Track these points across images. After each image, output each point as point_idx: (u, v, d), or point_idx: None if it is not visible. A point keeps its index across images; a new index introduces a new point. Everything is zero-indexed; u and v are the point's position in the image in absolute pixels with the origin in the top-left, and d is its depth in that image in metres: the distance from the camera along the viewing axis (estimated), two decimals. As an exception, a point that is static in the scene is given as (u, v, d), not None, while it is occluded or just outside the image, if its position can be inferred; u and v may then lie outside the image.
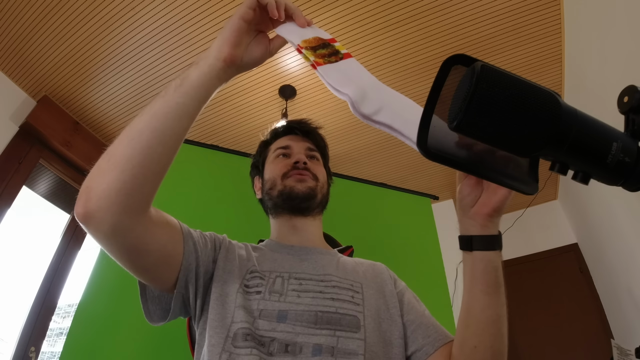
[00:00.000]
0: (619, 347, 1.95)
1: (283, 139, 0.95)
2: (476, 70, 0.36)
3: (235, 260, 0.76)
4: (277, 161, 0.91)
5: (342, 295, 0.71)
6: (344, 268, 0.81)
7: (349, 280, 0.76)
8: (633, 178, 0.39)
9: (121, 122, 2.88)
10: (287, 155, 0.91)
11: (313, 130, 0.97)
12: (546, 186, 3.50)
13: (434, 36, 2.36)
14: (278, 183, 0.87)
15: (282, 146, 0.92)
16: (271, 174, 0.90)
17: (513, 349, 3.27)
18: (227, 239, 0.84)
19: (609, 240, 2.56)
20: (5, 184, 2.41)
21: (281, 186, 0.86)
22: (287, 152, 0.91)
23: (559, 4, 2.17)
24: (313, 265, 0.78)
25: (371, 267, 0.85)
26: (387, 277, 0.83)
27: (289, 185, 0.85)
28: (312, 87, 2.66)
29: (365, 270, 0.83)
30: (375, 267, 0.86)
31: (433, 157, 0.43)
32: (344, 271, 0.79)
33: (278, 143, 0.94)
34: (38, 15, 2.18)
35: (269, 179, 0.90)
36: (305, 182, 0.86)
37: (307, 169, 0.87)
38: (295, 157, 0.89)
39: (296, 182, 0.85)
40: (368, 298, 0.74)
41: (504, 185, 0.48)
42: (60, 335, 3.41)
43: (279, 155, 0.91)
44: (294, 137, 0.94)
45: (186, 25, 2.27)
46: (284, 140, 0.94)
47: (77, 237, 2.81)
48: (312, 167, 0.89)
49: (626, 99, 0.39)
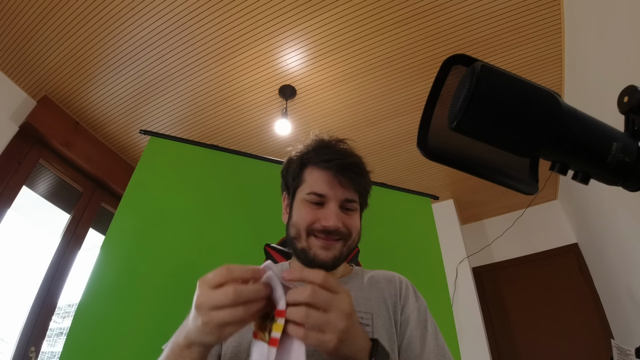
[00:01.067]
0: (619, 347, 1.95)
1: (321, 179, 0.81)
2: (476, 70, 0.36)
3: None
4: (308, 209, 0.80)
5: None
6: (356, 297, 0.79)
7: (360, 312, 0.76)
8: (633, 178, 0.39)
9: (121, 122, 2.89)
10: (321, 204, 0.80)
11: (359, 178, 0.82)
12: (546, 186, 3.50)
13: (434, 36, 2.36)
14: (302, 238, 0.79)
15: (317, 192, 0.80)
16: (298, 221, 0.81)
17: (513, 348, 3.25)
18: None
19: (609, 240, 2.56)
20: (5, 184, 2.41)
21: (305, 244, 0.79)
22: (321, 200, 0.80)
23: (559, 4, 2.17)
24: None
25: (386, 288, 0.83)
26: (396, 300, 0.81)
27: (313, 251, 0.78)
28: (312, 87, 2.66)
29: (379, 293, 0.82)
30: (390, 285, 0.84)
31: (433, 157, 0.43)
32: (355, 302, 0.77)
33: (314, 182, 0.81)
34: (38, 15, 2.18)
35: (295, 225, 0.81)
36: (331, 251, 0.78)
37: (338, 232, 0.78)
38: (328, 217, 0.78)
39: (321, 248, 0.78)
40: (379, 329, 0.74)
41: (504, 185, 0.48)
42: (60, 335, 3.42)
43: (311, 202, 0.80)
44: (334, 181, 0.80)
45: (186, 25, 2.27)
46: (321, 184, 0.80)
47: (77, 237, 2.81)
48: (345, 223, 0.79)
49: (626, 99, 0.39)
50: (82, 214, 2.88)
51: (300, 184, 0.84)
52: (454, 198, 3.70)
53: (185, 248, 1.62)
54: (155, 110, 2.82)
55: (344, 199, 0.80)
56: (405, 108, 2.81)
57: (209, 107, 2.80)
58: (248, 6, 2.17)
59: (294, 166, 0.86)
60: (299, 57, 2.47)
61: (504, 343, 3.29)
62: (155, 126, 2.91)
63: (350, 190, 0.81)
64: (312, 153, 0.84)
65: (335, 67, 2.54)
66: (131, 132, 2.97)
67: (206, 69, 2.53)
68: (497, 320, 3.40)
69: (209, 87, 2.64)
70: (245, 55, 2.45)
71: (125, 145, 3.10)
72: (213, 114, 2.84)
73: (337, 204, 0.79)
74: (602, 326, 2.95)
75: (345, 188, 0.80)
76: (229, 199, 1.80)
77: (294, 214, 0.83)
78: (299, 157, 0.86)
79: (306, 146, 0.88)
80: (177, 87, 2.65)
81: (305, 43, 2.39)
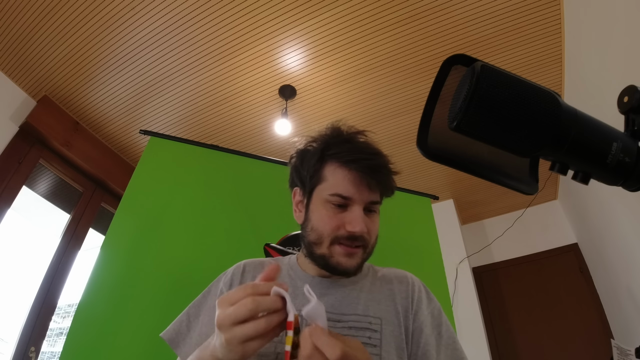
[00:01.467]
0: (619, 347, 1.95)
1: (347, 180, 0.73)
2: (476, 70, 0.36)
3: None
4: (330, 212, 0.74)
5: (358, 337, 0.69)
6: (366, 299, 0.76)
7: (368, 317, 0.73)
8: (633, 178, 0.39)
9: (121, 122, 2.89)
10: (344, 206, 0.73)
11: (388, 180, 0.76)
12: (546, 186, 3.50)
13: (434, 36, 2.36)
14: (324, 245, 0.74)
15: (342, 194, 0.72)
16: (319, 226, 0.74)
17: (513, 348, 3.25)
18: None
19: (609, 240, 2.56)
20: (5, 184, 2.41)
21: (327, 251, 0.74)
22: (345, 202, 0.73)
23: (559, 4, 2.17)
24: (332, 302, 0.75)
25: (397, 290, 0.80)
26: (408, 305, 0.78)
27: (336, 260, 0.73)
28: (312, 87, 2.66)
29: (389, 296, 0.78)
30: (401, 287, 0.81)
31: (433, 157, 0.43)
32: (364, 305, 0.75)
33: (338, 182, 0.74)
34: (38, 15, 2.18)
35: (316, 230, 0.75)
36: (354, 258, 0.74)
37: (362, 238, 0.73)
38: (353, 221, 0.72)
39: (345, 256, 0.73)
40: (387, 336, 0.71)
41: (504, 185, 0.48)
42: (60, 335, 3.42)
43: (334, 204, 0.73)
44: (362, 183, 0.73)
45: (186, 25, 2.27)
46: (346, 185, 0.73)
47: (77, 237, 2.81)
48: (368, 228, 0.74)
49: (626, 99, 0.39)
50: (82, 214, 2.88)
51: (320, 181, 0.76)
52: (454, 198, 3.70)
53: (185, 248, 1.62)
54: (155, 110, 2.82)
55: (369, 202, 0.74)
56: (405, 108, 2.81)
57: (209, 107, 2.80)
58: (248, 6, 2.17)
59: (311, 161, 0.77)
60: (299, 57, 2.47)
61: (503, 343, 3.29)
62: (155, 126, 2.91)
63: (376, 193, 0.75)
64: (334, 148, 0.76)
65: (335, 67, 2.54)
66: (131, 132, 2.97)
67: (206, 69, 2.53)
68: (497, 320, 3.40)
69: (209, 87, 2.64)
70: (245, 55, 2.45)
71: (125, 145, 3.10)
72: (213, 114, 2.84)
73: (362, 207, 0.73)
74: (602, 326, 2.95)
75: (372, 191, 0.74)
76: (229, 199, 1.80)
77: (313, 216, 0.76)
78: (319, 151, 0.77)
79: (323, 138, 0.79)
80: (177, 87, 2.65)
81: (305, 43, 2.39)
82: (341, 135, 0.78)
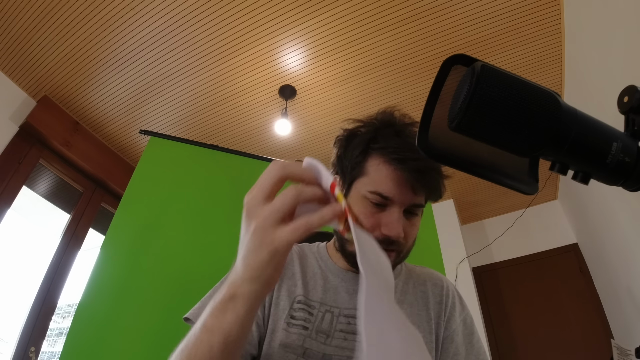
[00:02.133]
0: (619, 347, 1.95)
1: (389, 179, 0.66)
2: (476, 70, 0.36)
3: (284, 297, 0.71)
4: (367, 210, 0.68)
5: None
6: (398, 301, 0.73)
7: None
8: (633, 178, 0.39)
9: (121, 122, 2.89)
10: (383, 205, 0.67)
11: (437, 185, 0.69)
12: (546, 186, 3.50)
13: (434, 36, 2.36)
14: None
15: (382, 194, 0.66)
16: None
17: (513, 348, 3.25)
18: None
19: (609, 240, 2.56)
20: (5, 184, 2.41)
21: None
22: (385, 202, 0.67)
23: (559, 4, 2.17)
24: None
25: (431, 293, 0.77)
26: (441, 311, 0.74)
27: None
28: (312, 87, 2.66)
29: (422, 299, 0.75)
30: (435, 291, 0.78)
31: (433, 157, 0.43)
32: (398, 304, 0.72)
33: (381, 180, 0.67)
34: (38, 15, 2.18)
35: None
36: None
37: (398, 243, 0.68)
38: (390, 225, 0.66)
39: None
40: None
41: (504, 185, 0.48)
42: (60, 335, 3.41)
43: (373, 203, 0.67)
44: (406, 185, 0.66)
45: (186, 25, 2.27)
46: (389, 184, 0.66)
47: (77, 237, 2.81)
48: (406, 232, 0.68)
49: (626, 99, 0.39)
50: (82, 214, 2.88)
51: (361, 174, 0.69)
52: (454, 198, 3.70)
53: (185, 248, 1.62)
54: (155, 110, 2.82)
55: (411, 204, 0.68)
56: (405, 108, 2.79)
57: (209, 107, 2.80)
58: (248, 6, 2.17)
59: (355, 151, 0.70)
60: (299, 57, 2.47)
61: (503, 343, 3.29)
62: (155, 126, 2.91)
63: (421, 196, 0.68)
64: (381, 140, 0.68)
65: (335, 67, 2.54)
66: (131, 132, 2.97)
67: (206, 69, 2.53)
68: (497, 320, 3.40)
69: (209, 87, 2.64)
70: (245, 55, 2.45)
71: (125, 145, 3.10)
72: (213, 114, 2.84)
73: (401, 209, 0.67)
74: (602, 326, 2.95)
75: (416, 194, 0.67)
76: (229, 199, 1.80)
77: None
78: (364, 141, 0.70)
79: (371, 125, 0.72)
80: (177, 87, 2.65)
81: (305, 43, 2.39)
82: (392, 125, 0.71)
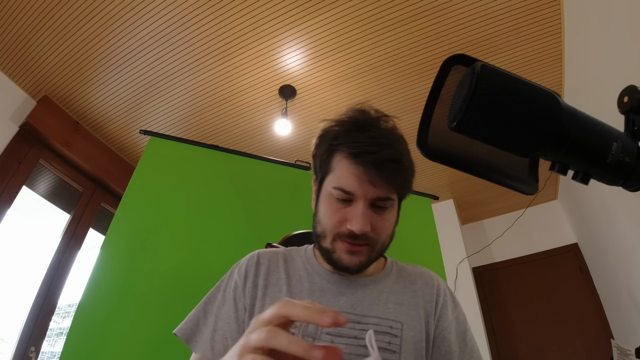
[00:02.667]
0: (619, 347, 1.95)
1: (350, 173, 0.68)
2: (476, 70, 0.36)
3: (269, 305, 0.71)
4: (334, 206, 0.70)
5: (377, 342, 0.65)
6: (387, 301, 0.73)
7: (389, 320, 0.70)
8: (633, 178, 0.39)
9: (121, 122, 2.89)
10: (349, 200, 0.69)
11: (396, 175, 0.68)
12: (546, 186, 3.50)
13: (434, 36, 2.36)
14: (328, 239, 0.71)
15: (344, 188, 0.68)
16: (323, 220, 0.72)
17: (513, 348, 3.24)
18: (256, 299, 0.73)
19: (609, 240, 2.56)
20: (5, 184, 2.41)
21: (330, 246, 0.71)
22: (349, 197, 0.68)
23: (559, 4, 2.17)
24: (352, 302, 0.71)
25: (421, 292, 0.76)
26: (432, 309, 0.74)
27: (337, 255, 0.70)
28: (312, 87, 2.66)
29: (413, 298, 0.75)
30: (426, 289, 0.77)
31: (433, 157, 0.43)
32: (385, 306, 0.72)
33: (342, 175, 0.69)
34: (38, 15, 2.18)
35: (320, 223, 0.72)
36: (357, 256, 0.70)
37: (366, 237, 0.69)
38: (353, 219, 0.67)
39: (346, 253, 0.69)
40: (407, 342, 0.68)
41: (504, 185, 0.48)
42: (60, 335, 3.41)
43: (338, 198, 0.69)
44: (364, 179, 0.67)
45: (186, 25, 2.27)
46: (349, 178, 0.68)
47: (77, 237, 2.81)
48: (374, 226, 0.69)
49: (626, 99, 0.39)
50: (82, 214, 2.88)
51: (328, 172, 0.71)
52: (454, 198, 3.70)
53: (185, 248, 1.62)
54: (155, 110, 2.82)
55: (375, 198, 0.68)
56: (405, 108, 2.81)
57: (209, 107, 2.80)
58: (248, 6, 2.17)
59: (322, 148, 0.73)
60: (299, 57, 2.47)
61: (503, 343, 3.29)
62: (155, 126, 2.91)
63: (383, 189, 0.68)
64: (343, 137, 0.69)
65: (335, 67, 2.54)
66: (131, 132, 2.97)
67: (206, 69, 2.53)
68: (497, 320, 3.40)
69: (209, 87, 2.64)
70: (245, 55, 2.45)
71: (125, 145, 3.10)
72: (213, 114, 2.84)
73: (366, 204, 0.68)
74: (602, 326, 2.95)
75: (377, 187, 0.67)
76: (229, 199, 1.80)
77: (320, 208, 0.73)
78: (329, 139, 0.72)
79: (339, 123, 0.73)
80: (177, 87, 2.65)
81: (305, 43, 2.39)
82: (356, 121, 0.71)
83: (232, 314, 0.72)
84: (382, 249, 0.73)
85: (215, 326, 0.72)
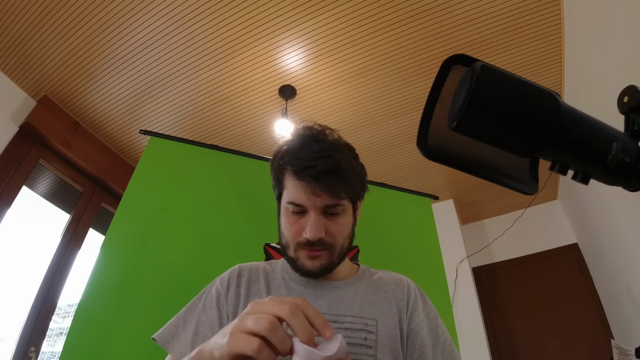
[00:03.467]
0: (619, 347, 1.95)
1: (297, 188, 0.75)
2: (476, 70, 0.36)
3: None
4: (291, 219, 0.77)
5: (354, 338, 0.71)
6: (361, 301, 0.78)
7: (364, 318, 0.75)
8: (633, 178, 0.39)
9: (121, 122, 2.89)
10: (302, 212, 0.76)
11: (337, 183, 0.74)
12: (546, 186, 3.50)
13: (434, 36, 2.36)
14: (291, 249, 0.78)
15: (295, 202, 0.75)
16: (284, 232, 0.79)
17: (512, 348, 3.24)
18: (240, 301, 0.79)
19: (609, 240, 2.56)
20: (5, 184, 2.41)
21: (293, 254, 0.78)
22: (301, 209, 0.76)
23: (559, 4, 2.17)
24: (327, 303, 0.77)
25: (393, 292, 0.82)
26: (404, 307, 0.79)
27: (301, 262, 0.77)
28: (312, 87, 2.66)
29: (385, 298, 0.80)
30: (398, 290, 0.82)
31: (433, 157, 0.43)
32: (360, 306, 0.77)
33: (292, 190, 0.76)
34: (38, 15, 2.18)
35: (283, 235, 0.80)
36: (318, 260, 0.76)
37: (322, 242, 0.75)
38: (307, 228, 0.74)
39: (308, 259, 0.76)
40: (382, 338, 0.73)
41: (504, 185, 0.48)
42: (60, 335, 3.42)
43: (293, 212, 0.77)
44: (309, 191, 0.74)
45: (186, 25, 2.27)
46: (297, 193, 0.75)
47: (77, 237, 2.81)
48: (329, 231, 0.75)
49: (626, 99, 0.39)
50: (82, 214, 2.88)
51: (282, 189, 0.79)
52: (454, 198, 3.70)
53: (185, 248, 1.62)
54: (155, 110, 2.82)
55: (323, 206, 0.75)
56: (405, 108, 2.81)
57: (209, 107, 2.80)
58: (248, 6, 2.17)
59: (274, 169, 0.81)
60: (299, 57, 2.47)
61: (503, 343, 3.29)
62: (155, 126, 2.91)
63: (327, 197, 0.74)
64: (288, 155, 0.76)
65: (335, 67, 2.54)
66: (131, 132, 2.97)
67: (206, 69, 2.53)
68: (497, 320, 3.40)
69: (209, 87, 2.65)
70: (245, 55, 2.45)
71: (125, 145, 3.10)
72: (213, 114, 2.84)
73: (317, 213, 0.74)
74: (602, 326, 2.96)
75: (321, 197, 0.73)
76: (229, 199, 1.80)
77: (281, 222, 0.81)
78: (278, 159, 0.79)
79: (286, 142, 0.80)
80: (177, 87, 2.65)
81: (305, 43, 2.39)
82: (300, 140, 0.78)
83: (216, 320, 0.76)
84: (342, 250, 0.79)
85: (196, 331, 0.75)
